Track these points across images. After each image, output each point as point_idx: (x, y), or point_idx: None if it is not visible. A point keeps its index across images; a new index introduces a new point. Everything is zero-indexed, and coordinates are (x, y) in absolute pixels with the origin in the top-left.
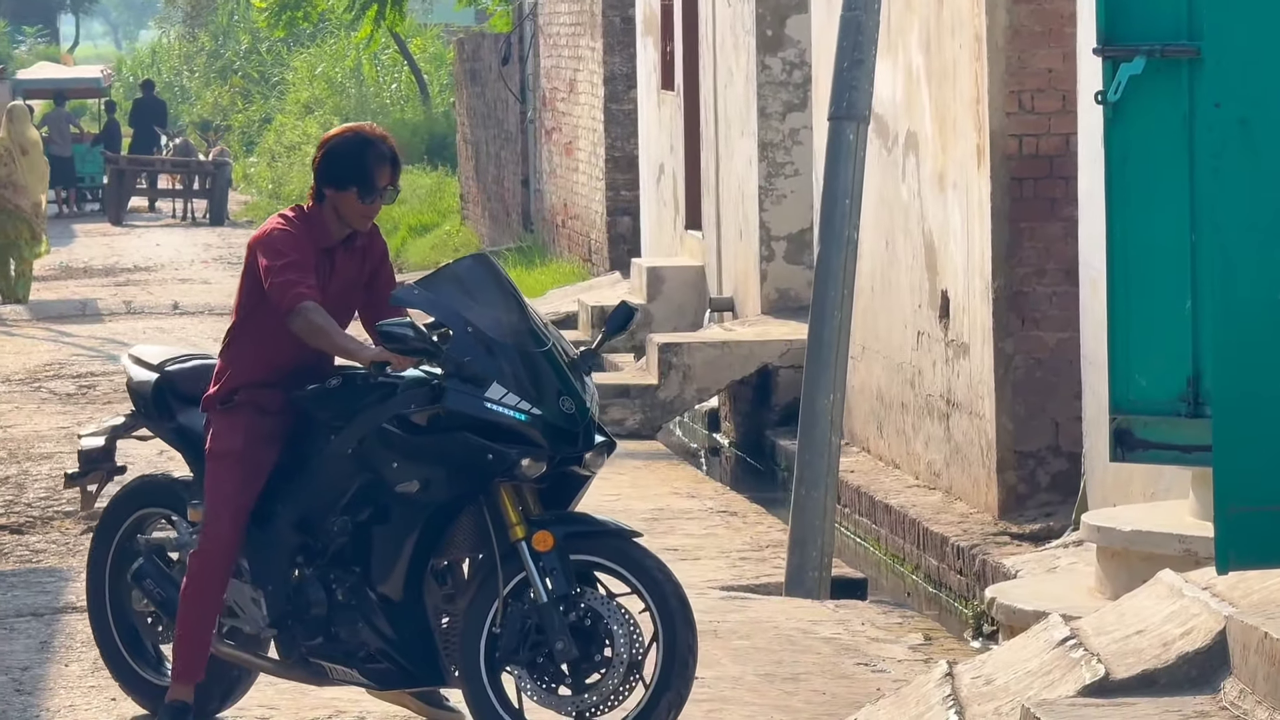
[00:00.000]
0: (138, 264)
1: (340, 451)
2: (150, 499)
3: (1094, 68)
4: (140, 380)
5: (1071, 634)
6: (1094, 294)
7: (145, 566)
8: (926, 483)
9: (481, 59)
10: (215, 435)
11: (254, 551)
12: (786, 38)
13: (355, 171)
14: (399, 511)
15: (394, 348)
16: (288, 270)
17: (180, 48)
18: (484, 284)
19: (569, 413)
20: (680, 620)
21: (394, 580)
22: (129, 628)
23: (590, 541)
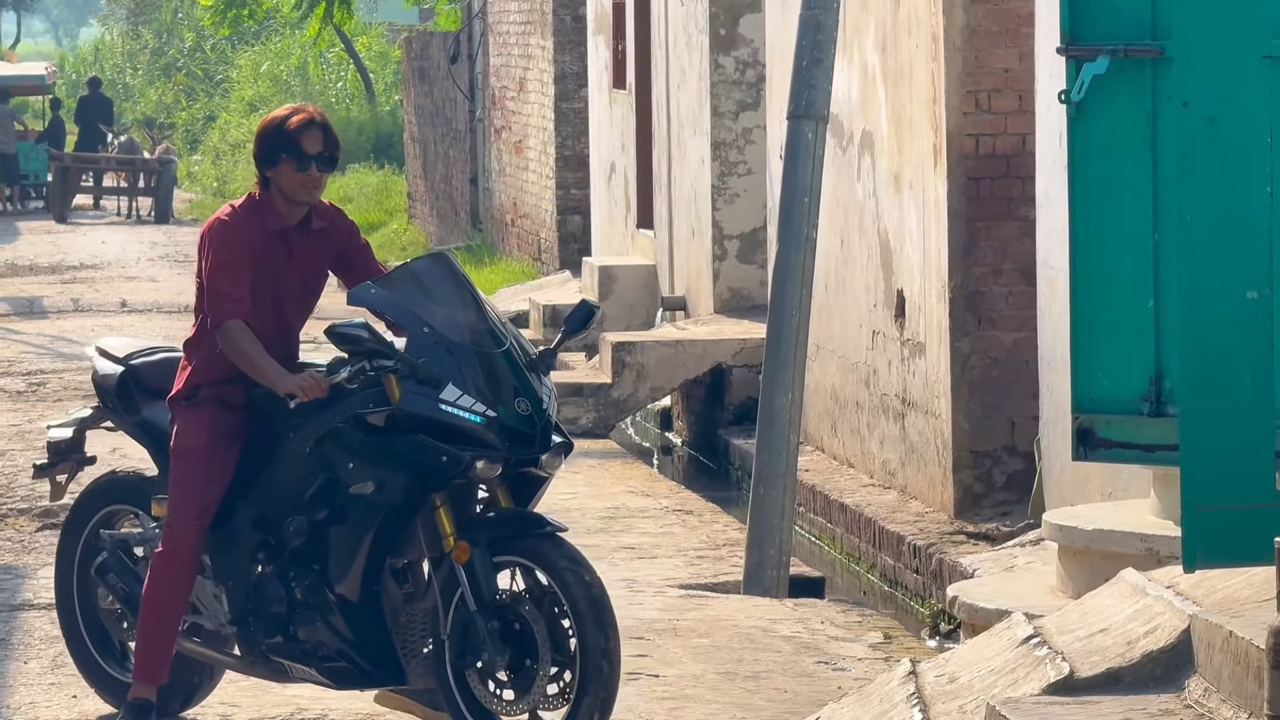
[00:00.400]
0: (84, 261)
1: (298, 450)
2: (118, 495)
3: (1053, 67)
4: (105, 373)
5: (1035, 632)
6: (1052, 293)
7: (109, 561)
8: (881, 482)
9: (430, 57)
10: (180, 432)
11: (216, 548)
12: (740, 37)
13: (283, 143)
14: (355, 512)
15: (347, 349)
16: (219, 277)
17: (124, 45)
18: (442, 283)
19: (525, 414)
20: (591, 623)
21: (351, 580)
22: (96, 624)
23: (512, 543)
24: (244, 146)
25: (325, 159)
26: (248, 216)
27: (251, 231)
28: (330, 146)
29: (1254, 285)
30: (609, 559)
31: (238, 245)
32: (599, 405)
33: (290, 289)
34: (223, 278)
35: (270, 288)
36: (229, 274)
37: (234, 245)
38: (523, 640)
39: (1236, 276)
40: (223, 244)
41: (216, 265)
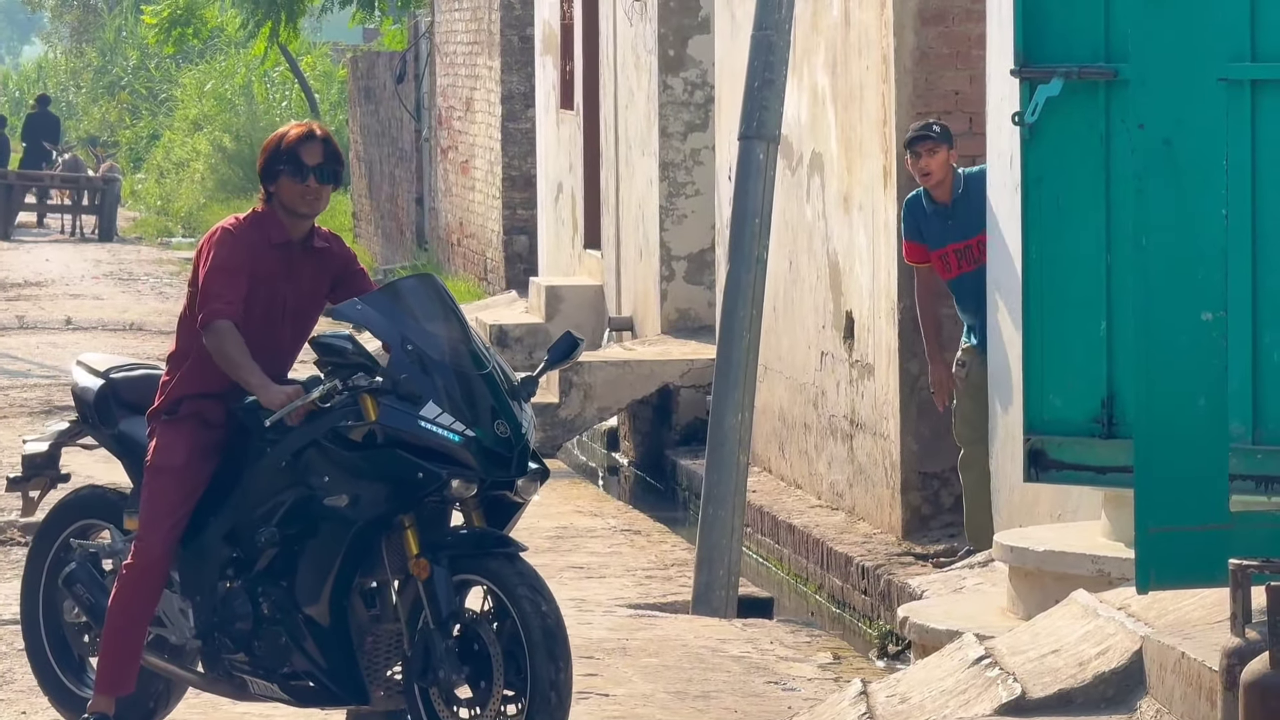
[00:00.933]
0: (28, 279)
1: (274, 464)
2: (91, 510)
3: (1004, 89)
4: (85, 386)
5: (986, 653)
6: (1002, 315)
7: (77, 571)
8: (829, 503)
9: (375, 77)
10: (158, 448)
11: (184, 562)
12: (688, 58)
13: (282, 155)
14: (328, 527)
15: (331, 360)
16: (214, 279)
17: (67, 63)
18: (427, 303)
19: (503, 437)
20: (542, 653)
21: (319, 597)
22: (59, 637)
23: (472, 562)
24: (188, 165)
25: (325, 171)
26: (250, 227)
27: (253, 241)
28: (330, 159)
29: (1209, 307)
30: (558, 578)
31: (237, 253)
32: (546, 425)
33: (287, 305)
34: (217, 280)
35: (266, 300)
36: (224, 277)
37: (233, 252)
38: (482, 660)
39: (1192, 298)
40: (222, 250)
41: (213, 269)
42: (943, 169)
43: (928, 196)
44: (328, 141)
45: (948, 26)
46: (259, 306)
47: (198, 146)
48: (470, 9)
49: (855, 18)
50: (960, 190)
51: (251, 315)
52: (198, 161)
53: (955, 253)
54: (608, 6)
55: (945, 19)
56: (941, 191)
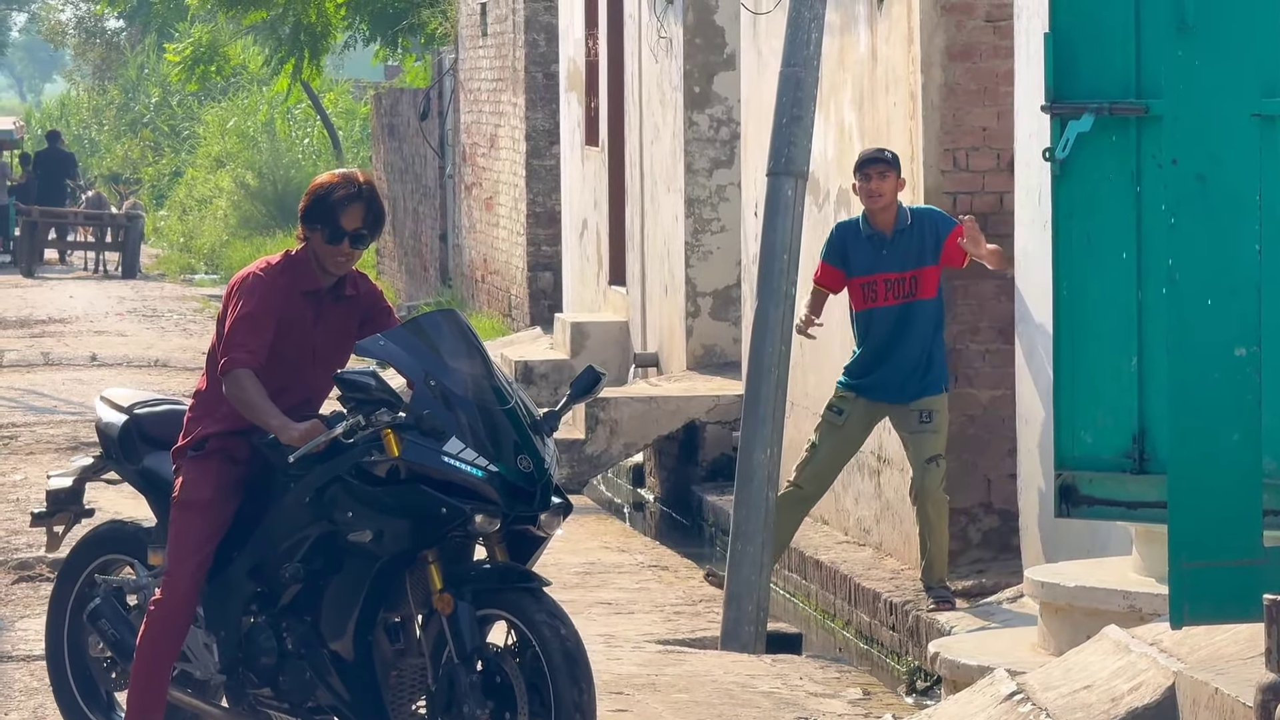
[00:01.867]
0: (52, 316)
1: (298, 500)
2: (115, 545)
3: (1032, 125)
4: (108, 422)
5: (1019, 688)
6: (1031, 352)
7: (102, 607)
8: (856, 539)
9: (400, 114)
10: (185, 484)
11: (209, 597)
12: (714, 95)
13: (321, 212)
14: (352, 563)
15: (355, 396)
16: (239, 327)
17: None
18: (450, 339)
19: (526, 471)
20: (564, 676)
21: (344, 632)
22: (84, 672)
23: (495, 596)
24: (210, 202)
25: (360, 237)
26: (280, 273)
27: (282, 287)
28: (371, 224)
29: (1243, 342)
30: (586, 614)
31: (265, 300)
32: (572, 461)
33: (315, 351)
34: (242, 328)
35: (295, 346)
36: (249, 325)
37: (261, 299)
38: (506, 693)
39: (1225, 334)
40: (250, 296)
41: (240, 316)
42: (892, 194)
43: (866, 223)
44: (372, 203)
45: (975, 63)
46: (289, 351)
47: (220, 184)
48: (495, 45)
49: (883, 54)
50: (908, 223)
51: (281, 359)
52: (220, 199)
53: (885, 282)
54: (633, 43)
55: (972, 55)
56: (885, 218)
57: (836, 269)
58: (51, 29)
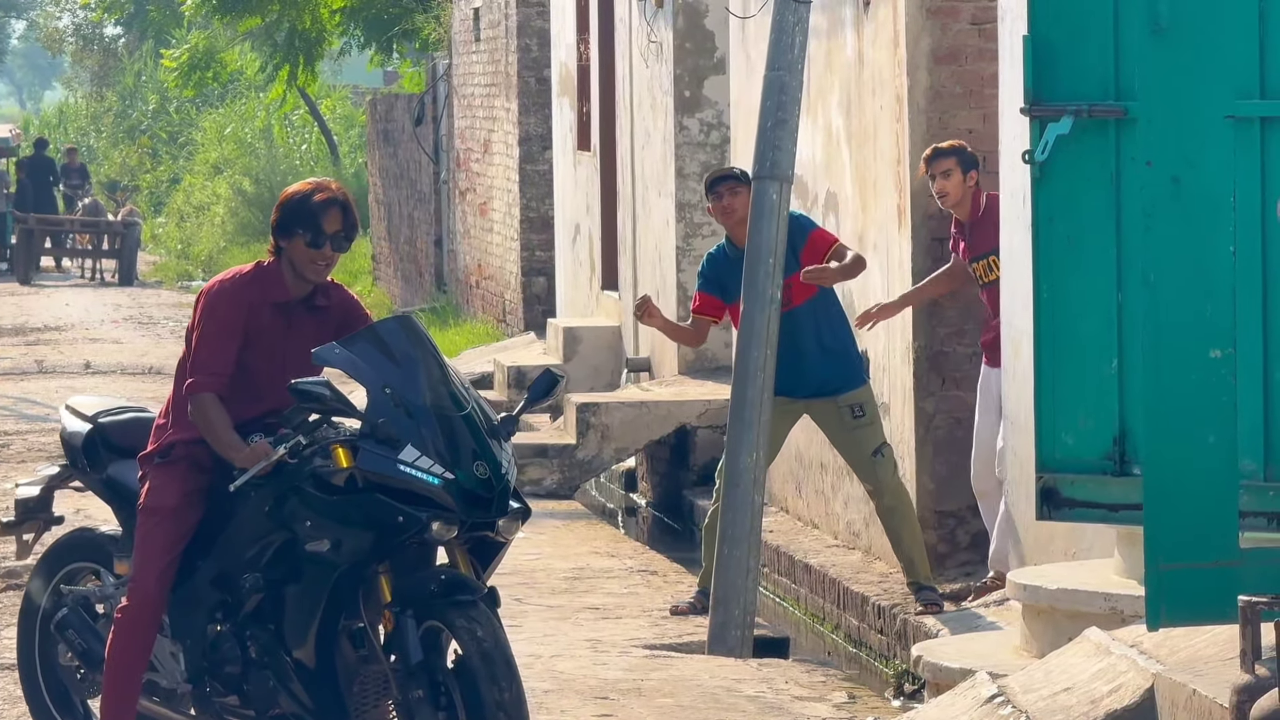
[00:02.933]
0: (47, 323)
1: (259, 509)
2: (81, 553)
3: (1016, 128)
4: (73, 430)
5: (999, 691)
6: (1016, 354)
7: (69, 617)
8: (846, 542)
9: (394, 120)
10: (150, 490)
11: (174, 606)
12: (704, 99)
13: (301, 217)
14: (311, 571)
15: (310, 406)
16: (203, 346)
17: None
18: (405, 345)
19: (483, 478)
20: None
21: (305, 640)
22: (57, 682)
23: (432, 609)
24: (208, 209)
25: (341, 239)
26: (249, 284)
27: (250, 300)
28: (349, 228)
29: (1218, 344)
30: (574, 619)
31: (229, 314)
32: (563, 466)
33: (285, 362)
34: (206, 348)
35: (264, 357)
36: (213, 345)
37: (225, 314)
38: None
39: (1200, 335)
40: (214, 311)
41: (203, 334)
42: (745, 209)
43: (730, 245)
44: (348, 209)
45: (960, 66)
46: (258, 361)
47: (218, 190)
48: (488, 51)
49: (869, 57)
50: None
51: (250, 370)
52: (218, 205)
53: None
54: (624, 48)
55: (958, 58)
56: (742, 233)
57: (715, 297)
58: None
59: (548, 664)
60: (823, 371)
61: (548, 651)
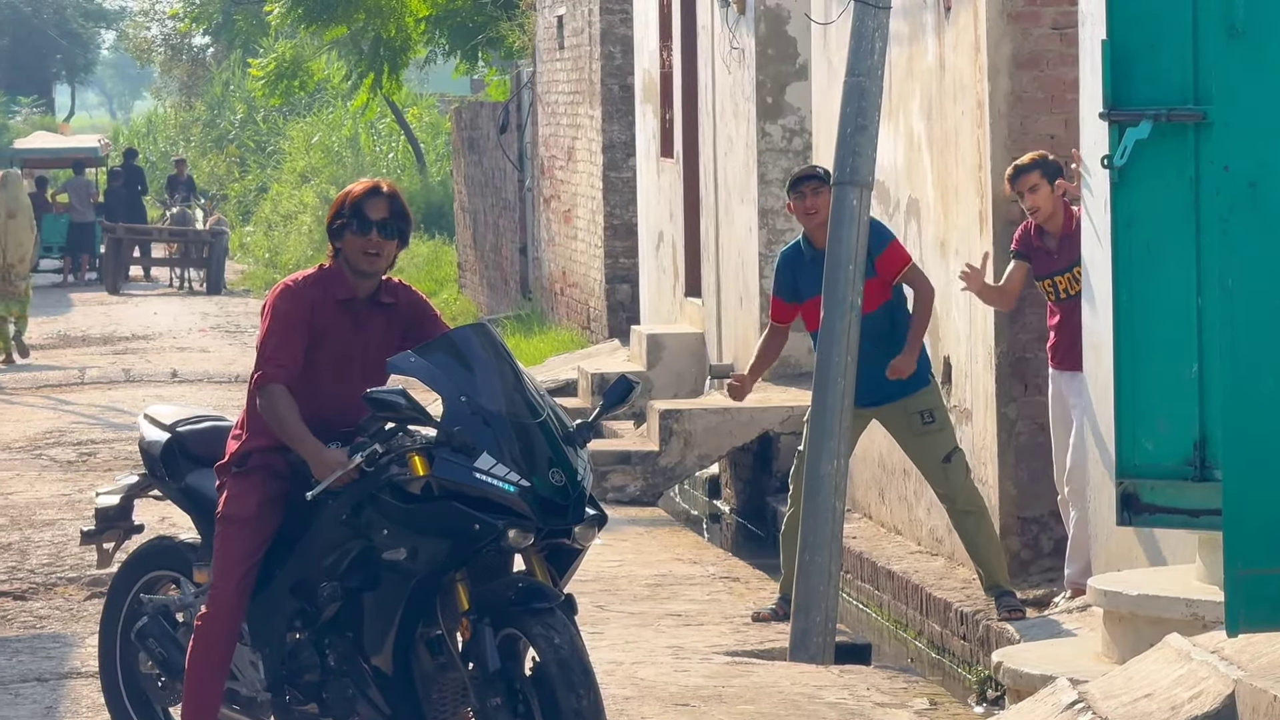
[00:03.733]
0: (135, 332)
1: (335, 517)
2: (160, 562)
3: (1097, 133)
4: (151, 440)
5: (1079, 698)
6: (1097, 359)
7: (149, 626)
8: (929, 549)
9: (479, 127)
10: (229, 499)
11: (253, 614)
12: (786, 105)
13: (347, 210)
14: (388, 579)
15: (386, 415)
16: (269, 341)
17: (176, 117)
18: (481, 353)
19: (559, 485)
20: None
21: (384, 648)
22: (138, 690)
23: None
24: (295, 218)
25: (388, 226)
26: (313, 284)
27: (315, 299)
28: (396, 216)
29: None
30: (655, 626)
31: (295, 312)
32: (646, 473)
33: (356, 361)
34: (273, 342)
35: (332, 356)
36: (280, 339)
37: (291, 312)
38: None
39: (1279, 340)
40: (279, 309)
41: (270, 330)
42: (827, 209)
43: (807, 244)
44: (394, 198)
45: (1042, 71)
46: (327, 363)
47: (305, 199)
48: (571, 59)
49: (950, 63)
50: None
51: (320, 372)
52: (305, 214)
53: None
54: (706, 54)
55: (1039, 64)
56: (824, 235)
57: (789, 303)
58: (139, 46)
59: (629, 671)
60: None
61: (629, 658)
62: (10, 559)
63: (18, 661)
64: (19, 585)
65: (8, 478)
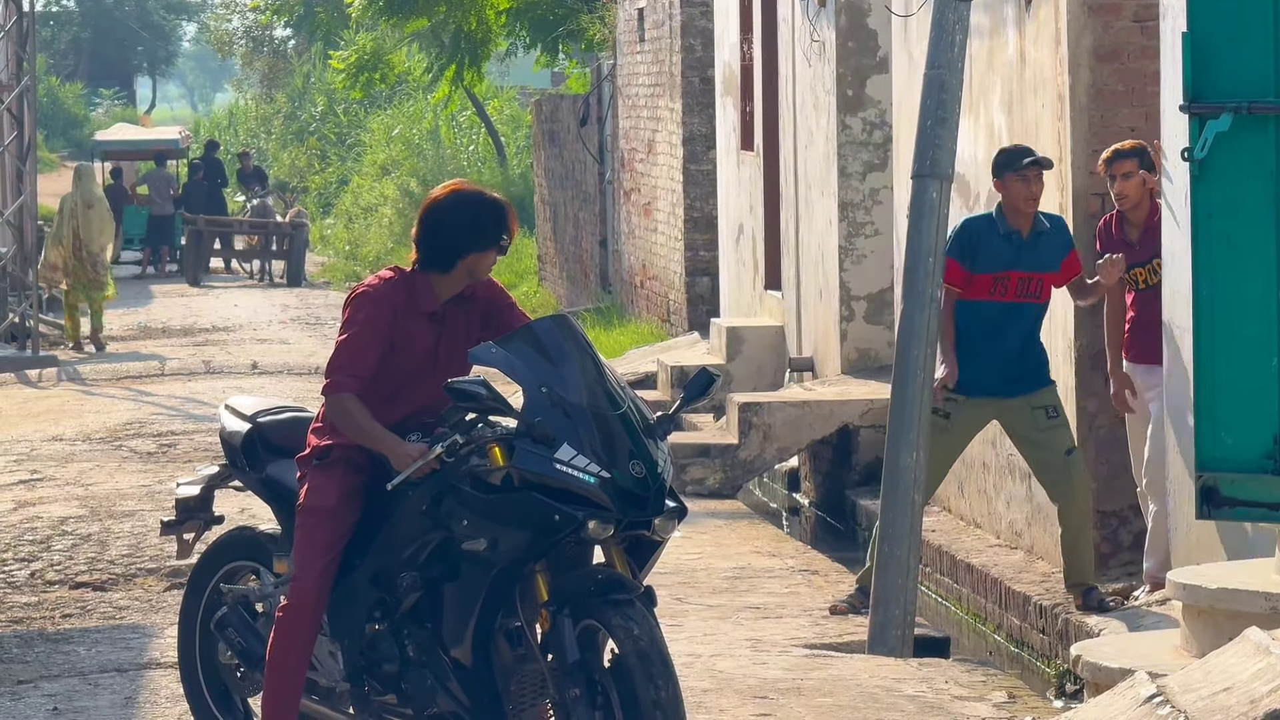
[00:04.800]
0: (215, 324)
1: (415, 508)
2: (240, 552)
3: (1178, 126)
4: (232, 430)
5: (1158, 691)
6: (1178, 352)
7: (229, 616)
8: (1008, 542)
9: (560, 120)
10: (310, 491)
11: (333, 605)
12: (867, 98)
13: (490, 226)
14: (468, 570)
15: (467, 406)
16: (343, 349)
17: (257, 110)
18: (561, 344)
19: (639, 477)
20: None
21: (463, 639)
22: (218, 681)
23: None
24: (376, 210)
25: (504, 246)
26: (395, 291)
27: (398, 307)
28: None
29: None
30: (734, 619)
31: (375, 320)
32: (726, 466)
33: (438, 359)
34: (345, 352)
35: (413, 360)
36: (354, 347)
37: (371, 320)
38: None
39: None
40: (358, 316)
41: (345, 339)
42: (1040, 197)
43: (1002, 220)
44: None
45: (1123, 63)
46: (407, 364)
47: (385, 191)
48: (652, 51)
49: (1031, 56)
50: (1048, 227)
51: (398, 371)
52: (385, 206)
53: (1019, 280)
54: (787, 47)
55: (1120, 56)
56: (1024, 219)
57: (964, 269)
58: (220, 39)
59: (707, 663)
60: (1021, 368)
61: (707, 651)
62: (90, 550)
63: (97, 652)
64: (99, 576)
65: (88, 469)
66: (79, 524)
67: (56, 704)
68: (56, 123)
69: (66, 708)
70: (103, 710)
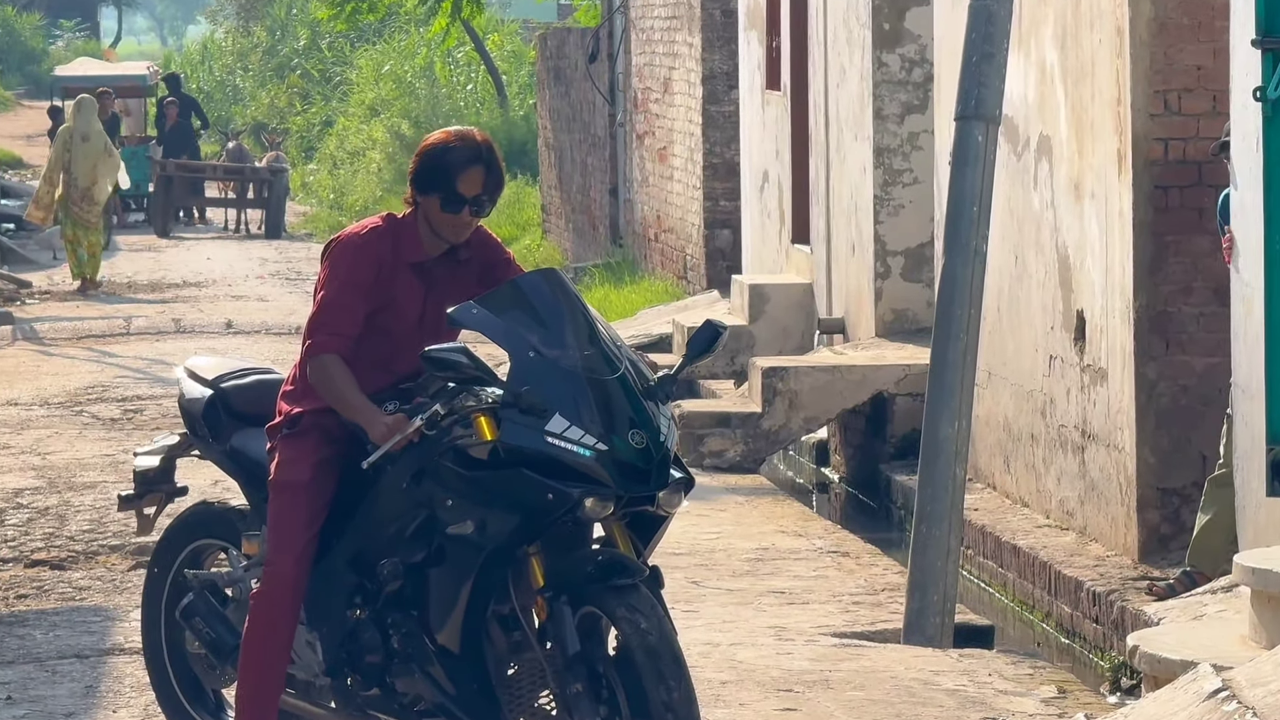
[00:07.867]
0: (186, 279)
1: (395, 485)
2: (206, 530)
3: (1250, 63)
4: (192, 397)
5: (1224, 685)
6: (1247, 314)
7: (195, 604)
8: (1059, 522)
9: (566, 56)
10: (281, 464)
11: (309, 590)
12: (906, 32)
13: (439, 176)
14: (454, 554)
15: (445, 376)
16: (326, 306)
17: (233, 43)
18: (551, 302)
19: (640, 447)
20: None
21: (451, 628)
22: (186, 670)
23: (590, 594)
24: (363, 155)
25: (480, 202)
26: (381, 241)
27: (382, 258)
28: (491, 188)
29: None
30: (755, 604)
31: (358, 271)
32: (748, 437)
33: (425, 318)
34: (331, 305)
35: (399, 319)
36: (338, 302)
37: (354, 271)
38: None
39: None
40: (341, 269)
41: (327, 296)
42: None
43: None
44: (492, 168)
45: None
46: (393, 323)
47: (374, 134)
48: None
49: None
50: None
51: (384, 332)
52: (374, 150)
53: None
54: None
55: None
56: None
57: None
58: None
59: (726, 653)
60: None
61: (727, 639)
62: (48, 525)
63: (55, 636)
64: (57, 554)
65: (46, 436)
66: (35, 496)
67: (10, 693)
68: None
69: (21, 697)
70: (61, 700)
